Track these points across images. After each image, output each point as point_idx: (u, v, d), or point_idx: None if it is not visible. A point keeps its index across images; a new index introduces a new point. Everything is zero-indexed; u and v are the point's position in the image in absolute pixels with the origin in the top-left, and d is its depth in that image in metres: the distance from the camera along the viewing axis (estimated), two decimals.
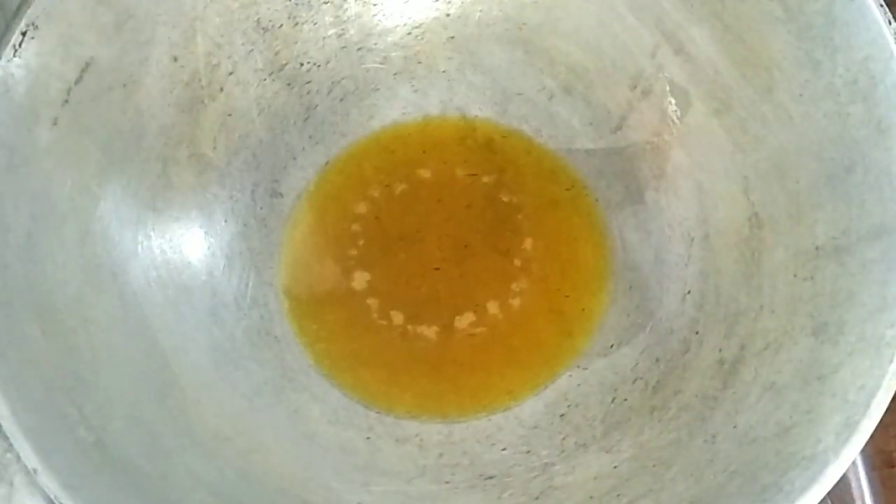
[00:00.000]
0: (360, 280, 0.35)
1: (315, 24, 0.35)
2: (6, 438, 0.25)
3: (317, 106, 0.36)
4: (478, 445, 0.32)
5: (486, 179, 0.36)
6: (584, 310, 0.34)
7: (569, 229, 0.35)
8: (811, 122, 0.29)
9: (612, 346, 0.33)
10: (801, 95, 0.29)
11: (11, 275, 0.27)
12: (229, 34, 0.33)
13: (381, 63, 0.36)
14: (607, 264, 0.35)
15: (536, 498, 0.30)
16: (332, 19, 0.35)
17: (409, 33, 0.36)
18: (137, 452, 0.27)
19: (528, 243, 0.35)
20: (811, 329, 0.28)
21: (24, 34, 0.27)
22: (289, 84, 0.35)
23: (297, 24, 0.35)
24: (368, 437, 0.32)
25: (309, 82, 0.36)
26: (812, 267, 0.28)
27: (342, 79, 0.36)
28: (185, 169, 0.33)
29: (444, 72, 0.37)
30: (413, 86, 0.37)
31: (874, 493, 0.33)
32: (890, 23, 0.27)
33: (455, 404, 0.33)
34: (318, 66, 0.36)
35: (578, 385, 0.33)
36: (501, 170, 0.36)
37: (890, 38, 0.27)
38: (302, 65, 0.35)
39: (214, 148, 0.34)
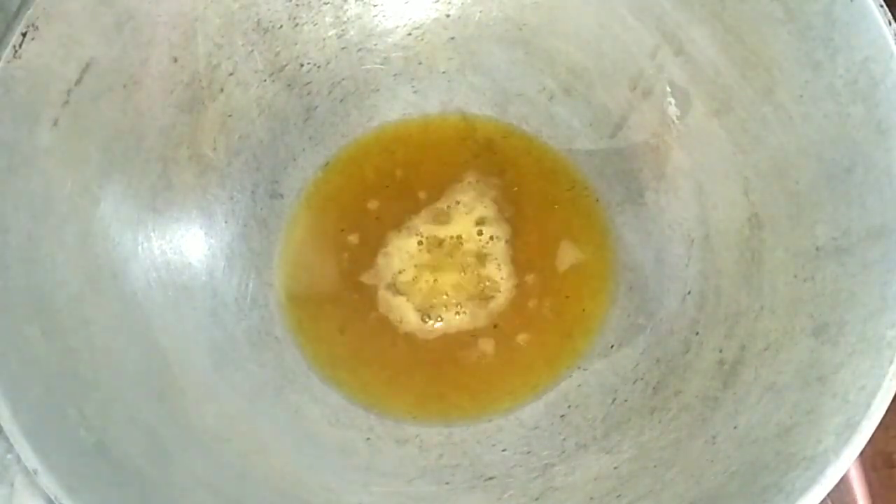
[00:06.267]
0: (360, 281, 0.35)
1: (315, 24, 0.35)
2: (7, 439, 0.25)
3: (317, 107, 0.36)
4: (478, 446, 0.32)
5: (486, 180, 0.36)
6: (584, 311, 0.34)
7: (569, 229, 0.35)
8: (811, 123, 0.29)
9: (612, 346, 0.33)
10: (801, 96, 0.29)
11: (12, 275, 0.27)
12: (229, 35, 0.33)
13: (381, 64, 0.36)
14: (607, 265, 0.35)
15: (537, 499, 0.30)
16: (332, 20, 0.35)
17: (410, 34, 0.36)
18: (137, 453, 0.27)
19: (528, 243, 0.35)
20: (811, 330, 0.27)
21: (24, 35, 0.27)
22: (289, 85, 0.35)
23: (297, 24, 0.35)
24: (368, 439, 0.32)
25: (309, 83, 0.36)
26: (812, 267, 0.28)
27: (342, 79, 0.36)
28: (185, 170, 0.33)
29: (444, 72, 0.37)
30: (413, 86, 0.37)
31: (874, 494, 0.33)
32: (890, 23, 0.27)
33: (456, 406, 0.33)
34: (319, 66, 0.36)
35: (579, 386, 0.33)
36: (502, 170, 0.36)
37: (890, 39, 0.27)
38: (302, 65, 0.35)
39: (215, 149, 0.34)
